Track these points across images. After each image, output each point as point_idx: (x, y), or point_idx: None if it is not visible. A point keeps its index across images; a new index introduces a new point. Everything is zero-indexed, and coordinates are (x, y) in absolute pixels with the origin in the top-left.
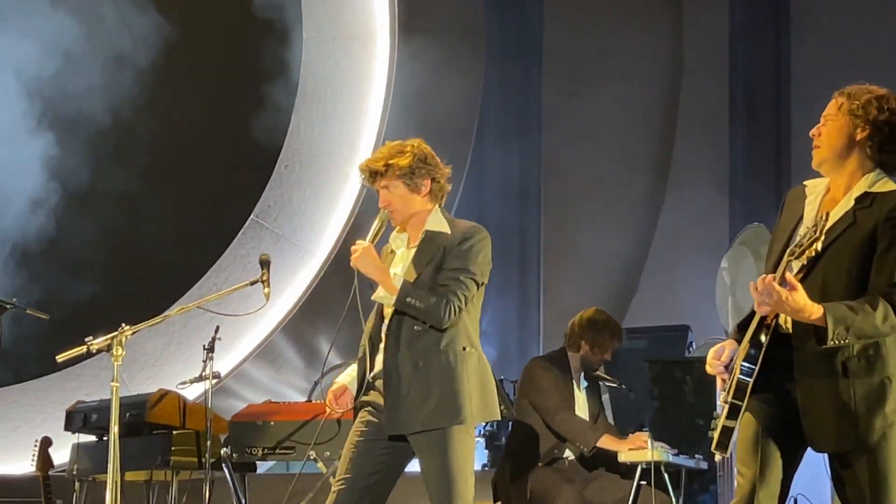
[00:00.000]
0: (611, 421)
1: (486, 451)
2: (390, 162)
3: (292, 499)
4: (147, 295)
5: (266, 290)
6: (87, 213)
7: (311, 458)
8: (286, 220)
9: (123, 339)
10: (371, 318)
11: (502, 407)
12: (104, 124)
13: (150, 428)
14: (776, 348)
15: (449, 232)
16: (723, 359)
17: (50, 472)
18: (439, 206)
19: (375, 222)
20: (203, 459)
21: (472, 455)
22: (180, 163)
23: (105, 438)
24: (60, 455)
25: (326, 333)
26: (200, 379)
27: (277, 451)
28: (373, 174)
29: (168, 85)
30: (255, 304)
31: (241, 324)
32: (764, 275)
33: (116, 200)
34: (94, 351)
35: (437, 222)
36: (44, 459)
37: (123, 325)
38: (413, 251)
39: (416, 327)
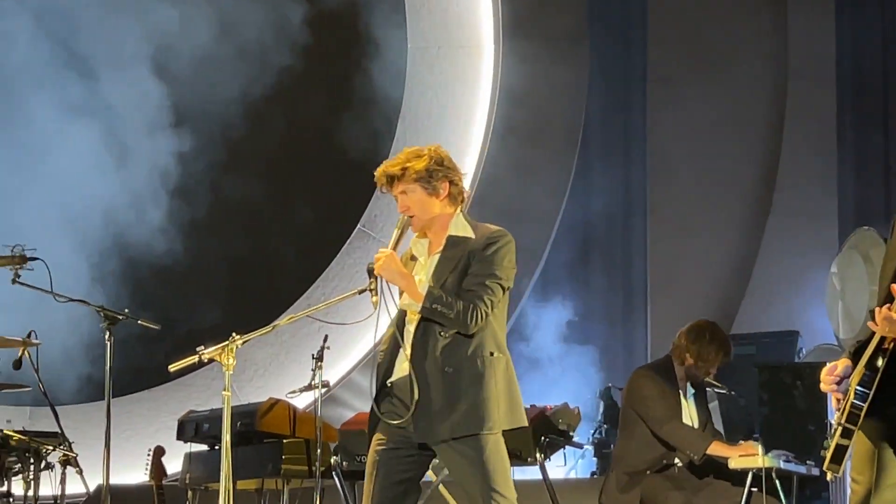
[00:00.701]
0: (719, 428)
1: (595, 460)
2: (407, 165)
3: None
4: (257, 304)
5: (374, 298)
6: (206, 218)
7: None
8: (392, 230)
9: (234, 349)
10: (392, 325)
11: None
12: (231, 125)
13: (260, 437)
14: (891, 368)
15: (473, 236)
16: (836, 374)
17: (163, 481)
18: (461, 210)
19: (395, 229)
20: (313, 468)
21: (506, 456)
22: (291, 172)
23: (217, 447)
24: (173, 464)
25: None
26: (310, 388)
27: None
28: (390, 178)
29: (281, 93)
30: (363, 313)
31: (350, 333)
32: (878, 307)
33: (234, 208)
34: (205, 360)
35: (461, 227)
36: (157, 468)
37: (234, 334)
38: (436, 257)
39: (442, 334)
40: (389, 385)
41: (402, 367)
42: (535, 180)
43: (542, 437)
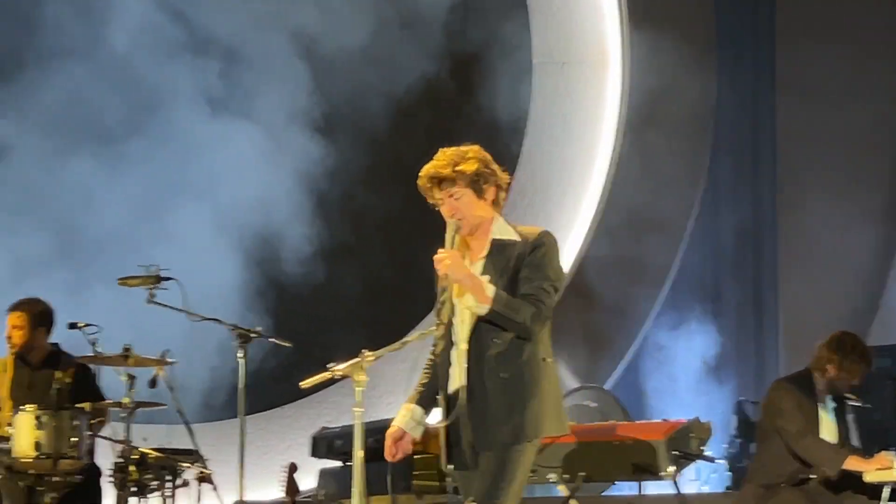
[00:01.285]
0: (855, 442)
1: (729, 474)
2: (458, 168)
3: None
4: (387, 320)
5: None
6: (347, 234)
7: (552, 480)
8: None
9: (365, 365)
10: (443, 332)
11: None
12: (375, 132)
13: None
14: None
15: (518, 239)
16: None
17: (297, 498)
18: (499, 213)
19: (449, 232)
20: (444, 483)
21: (529, 469)
22: (411, 191)
23: (349, 463)
24: (307, 480)
25: (565, 358)
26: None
27: None
28: (440, 181)
29: (421, 101)
30: None
31: None
32: None
33: (375, 221)
34: (336, 377)
35: (504, 230)
36: (291, 485)
37: (364, 350)
38: (480, 263)
39: (496, 340)
40: (452, 396)
41: (455, 374)
42: (665, 191)
43: (675, 451)
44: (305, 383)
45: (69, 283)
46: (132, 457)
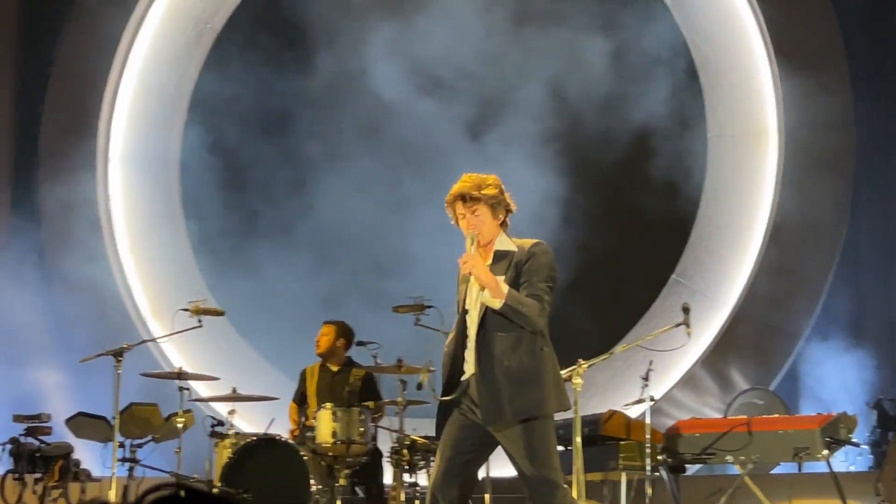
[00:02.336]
0: None
1: (871, 456)
2: (483, 192)
3: (714, 494)
4: (596, 336)
5: (688, 330)
6: (573, 265)
7: (729, 461)
8: (700, 279)
9: (581, 371)
10: (455, 327)
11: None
12: (601, 173)
13: (602, 439)
14: None
15: (515, 249)
16: None
17: None
18: (504, 231)
19: (468, 242)
20: (644, 463)
21: (555, 438)
22: (619, 229)
23: (569, 448)
24: None
25: (736, 365)
26: (640, 401)
27: (702, 456)
28: (464, 197)
29: (635, 151)
30: (678, 342)
31: (669, 359)
32: None
33: (575, 248)
34: None
35: (505, 243)
36: None
37: (580, 360)
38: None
39: (499, 333)
40: (463, 381)
41: (470, 362)
42: (816, 233)
43: (828, 438)
44: None
45: (359, 310)
46: (405, 443)
